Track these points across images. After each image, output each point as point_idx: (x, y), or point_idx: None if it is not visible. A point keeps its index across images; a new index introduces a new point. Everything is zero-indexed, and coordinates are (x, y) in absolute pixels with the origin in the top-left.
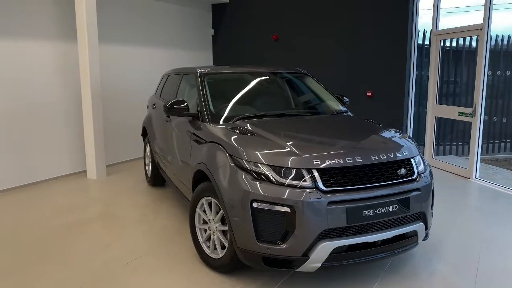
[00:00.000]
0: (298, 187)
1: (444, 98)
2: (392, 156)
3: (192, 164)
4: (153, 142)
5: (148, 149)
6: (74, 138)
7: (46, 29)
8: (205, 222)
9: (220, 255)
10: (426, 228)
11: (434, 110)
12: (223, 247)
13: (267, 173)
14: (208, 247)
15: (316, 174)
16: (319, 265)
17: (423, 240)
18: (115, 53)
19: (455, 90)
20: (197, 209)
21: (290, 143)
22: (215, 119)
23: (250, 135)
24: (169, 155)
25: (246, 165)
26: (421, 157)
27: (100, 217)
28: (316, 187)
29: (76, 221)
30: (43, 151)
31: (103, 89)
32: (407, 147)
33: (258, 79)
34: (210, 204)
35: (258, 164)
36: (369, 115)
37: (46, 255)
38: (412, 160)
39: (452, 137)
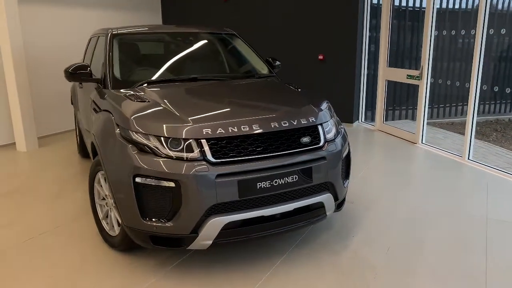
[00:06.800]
0: (185, 160)
1: (399, 60)
2: (295, 123)
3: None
4: (77, 111)
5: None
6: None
7: None
8: (104, 198)
9: (117, 233)
10: (337, 199)
11: (385, 73)
12: (120, 224)
13: (152, 144)
14: (108, 224)
15: (205, 144)
16: (210, 242)
17: (335, 211)
18: (42, 14)
19: (411, 52)
20: (95, 183)
21: (183, 111)
22: (116, 85)
23: (143, 102)
24: (85, 125)
25: (131, 135)
26: (334, 123)
27: (13, 192)
28: (205, 159)
29: None
30: None
31: (32, 55)
32: (315, 113)
33: (176, 41)
34: (106, 179)
35: (145, 134)
36: (320, 79)
37: None
38: (319, 126)
39: (409, 101)
